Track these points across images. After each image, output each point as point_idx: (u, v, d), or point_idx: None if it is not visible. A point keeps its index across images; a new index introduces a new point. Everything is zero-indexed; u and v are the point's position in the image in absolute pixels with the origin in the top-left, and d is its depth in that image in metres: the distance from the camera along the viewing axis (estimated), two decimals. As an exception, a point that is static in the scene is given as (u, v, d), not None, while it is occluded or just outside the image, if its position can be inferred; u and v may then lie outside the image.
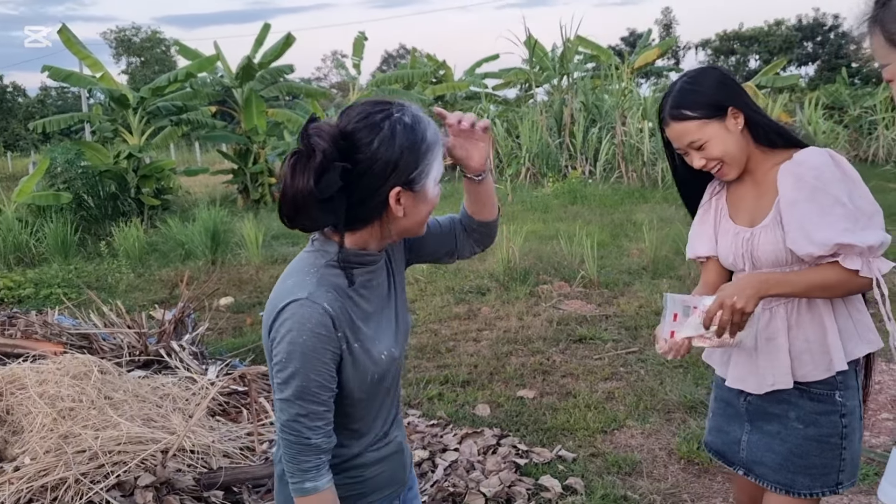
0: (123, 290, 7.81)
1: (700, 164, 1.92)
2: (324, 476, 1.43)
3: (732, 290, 1.77)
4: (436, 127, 1.44)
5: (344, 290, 1.45)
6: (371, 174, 1.37)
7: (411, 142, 1.38)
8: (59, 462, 2.86)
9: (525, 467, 3.55)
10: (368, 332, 1.48)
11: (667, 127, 1.93)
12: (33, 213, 11.22)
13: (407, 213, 1.43)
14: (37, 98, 45.07)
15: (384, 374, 1.51)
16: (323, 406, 1.41)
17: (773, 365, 1.91)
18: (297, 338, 1.37)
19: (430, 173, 1.42)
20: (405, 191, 1.40)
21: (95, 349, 4.54)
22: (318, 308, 1.38)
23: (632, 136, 14.69)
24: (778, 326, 1.90)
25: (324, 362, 1.39)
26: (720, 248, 2.03)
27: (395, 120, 1.37)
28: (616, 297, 6.54)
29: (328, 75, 65.77)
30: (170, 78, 13.58)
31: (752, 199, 1.96)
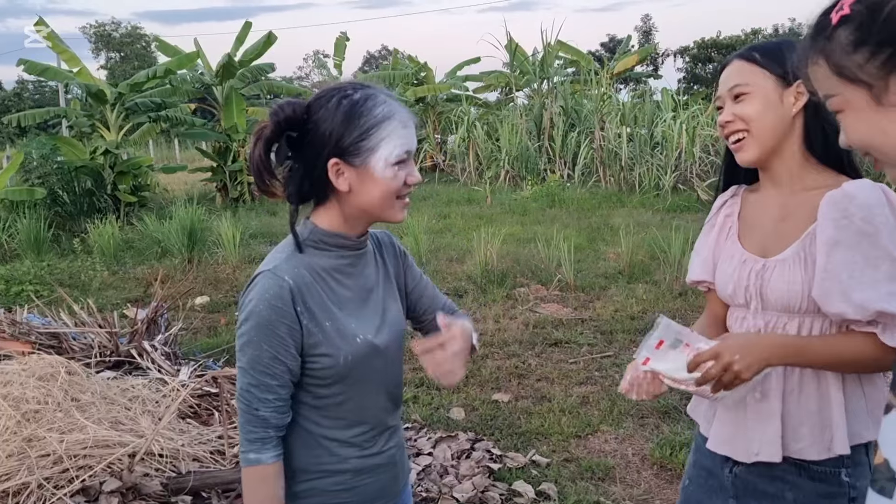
0: (97, 288, 7.71)
1: (725, 118, 1.59)
2: (269, 451, 1.44)
3: (736, 348, 1.45)
4: (398, 110, 1.44)
5: (317, 270, 1.48)
6: (311, 144, 1.43)
7: (350, 114, 1.41)
8: (22, 466, 2.80)
9: (499, 472, 3.54)
10: (342, 314, 1.49)
11: (728, 66, 1.61)
12: (6, 209, 11.04)
13: (354, 190, 1.44)
14: (13, 91, 44.46)
15: (361, 360, 1.49)
16: (275, 380, 1.42)
17: (761, 430, 1.57)
18: (255, 307, 1.41)
19: (377, 150, 1.41)
20: (344, 163, 1.42)
21: (65, 349, 4.47)
22: (279, 280, 1.42)
23: (610, 141, 14.76)
24: (772, 386, 1.56)
25: (278, 335, 1.41)
26: (719, 274, 1.69)
27: (343, 95, 1.42)
28: (592, 301, 6.55)
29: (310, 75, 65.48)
30: (149, 74, 13.44)
31: (771, 221, 1.61)
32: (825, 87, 1.05)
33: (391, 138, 1.42)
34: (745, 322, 1.62)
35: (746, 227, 1.68)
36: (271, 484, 1.44)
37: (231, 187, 14.85)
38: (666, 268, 7.12)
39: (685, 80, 46.36)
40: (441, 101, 20.54)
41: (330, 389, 1.51)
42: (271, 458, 1.44)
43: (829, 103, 1.06)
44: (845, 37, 0.99)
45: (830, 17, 1.02)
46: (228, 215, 10.54)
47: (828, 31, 1.02)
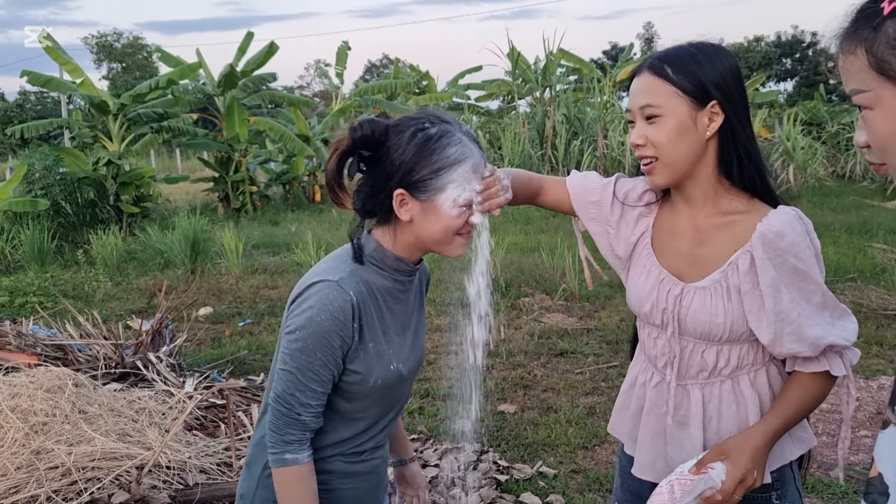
0: (100, 300, 7.71)
1: (636, 140, 1.50)
2: (305, 451, 1.48)
3: (750, 462, 1.42)
4: (472, 153, 1.45)
5: (373, 289, 1.51)
6: (381, 168, 1.45)
7: (422, 149, 1.42)
8: (31, 478, 2.80)
9: (506, 483, 3.53)
10: (384, 338, 1.53)
11: (638, 76, 1.52)
12: (9, 220, 11.06)
13: (415, 221, 1.46)
14: (15, 102, 44.56)
15: (388, 385, 1.53)
16: (321, 387, 1.46)
17: (682, 458, 1.55)
18: (317, 315, 1.42)
19: (444, 189, 1.43)
20: (409, 195, 1.44)
21: (71, 361, 4.46)
22: (345, 294, 1.44)
23: (613, 149, 14.79)
24: (692, 412, 1.55)
25: (332, 346, 1.44)
26: (633, 286, 1.63)
27: (420, 128, 1.43)
28: (597, 311, 6.54)
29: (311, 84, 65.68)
30: (151, 84, 13.48)
31: (687, 243, 1.56)
32: (856, 81, 0.98)
33: (460, 182, 1.43)
34: (657, 341, 1.60)
35: (661, 244, 1.62)
36: (307, 481, 1.48)
37: (233, 197, 14.87)
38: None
39: (686, 87, 46.46)
40: (443, 110, 20.57)
41: (350, 404, 1.53)
42: (307, 457, 1.48)
43: (857, 98, 0.99)
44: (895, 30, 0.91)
45: (882, 5, 0.93)
46: (231, 225, 10.56)
47: (876, 20, 0.94)
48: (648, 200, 1.65)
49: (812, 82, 39.35)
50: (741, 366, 1.53)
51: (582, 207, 1.72)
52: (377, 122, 1.45)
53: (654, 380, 1.61)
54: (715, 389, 1.54)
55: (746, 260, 1.46)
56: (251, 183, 15.07)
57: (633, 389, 1.69)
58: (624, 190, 1.68)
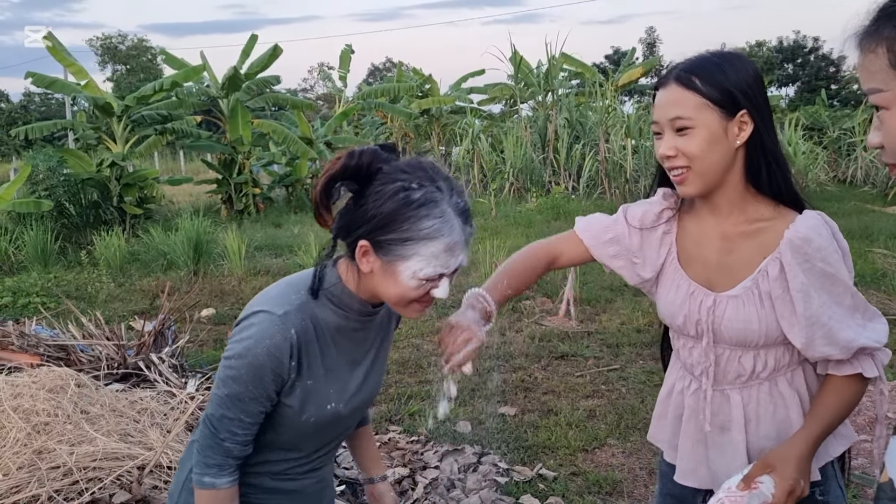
0: (103, 300, 7.73)
1: (667, 152, 1.50)
2: (225, 476, 1.44)
3: (797, 473, 1.44)
4: (450, 231, 1.34)
5: (321, 326, 1.44)
6: (358, 210, 1.36)
7: (397, 213, 1.31)
8: (33, 478, 2.81)
9: (506, 486, 3.54)
10: (325, 377, 1.47)
11: (664, 87, 1.51)
12: (13, 221, 11.10)
13: (375, 275, 1.38)
14: (20, 104, 44.74)
15: (322, 423, 1.49)
16: (249, 418, 1.42)
17: (726, 463, 1.58)
18: (253, 347, 1.37)
19: (408, 259, 1.33)
20: (372, 251, 1.36)
21: (73, 361, 4.48)
22: (285, 331, 1.38)
23: (615, 153, 14.81)
24: (733, 416, 1.58)
25: (265, 381, 1.39)
26: (665, 301, 1.65)
27: (406, 186, 1.32)
28: (598, 314, 6.55)
29: (314, 87, 65.80)
30: (155, 87, 13.52)
31: (715, 253, 1.57)
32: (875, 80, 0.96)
33: (427, 258, 1.33)
34: (693, 351, 1.62)
35: (687, 256, 1.63)
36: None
37: (236, 199, 14.90)
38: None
39: (689, 92, 46.45)
40: (445, 114, 20.63)
41: (280, 437, 1.51)
42: (226, 483, 1.44)
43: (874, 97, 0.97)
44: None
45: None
46: (234, 227, 10.58)
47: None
48: (668, 217, 1.66)
49: (814, 87, 39.36)
50: (778, 368, 1.55)
51: (601, 249, 1.73)
52: (377, 156, 1.35)
53: (692, 387, 1.64)
54: (753, 392, 1.57)
55: (776, 266, 1.48)
56: (254, 185, 15.11)
57: (671, 398, 1.71)
58: (637, 216, 1.69)
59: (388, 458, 3.81)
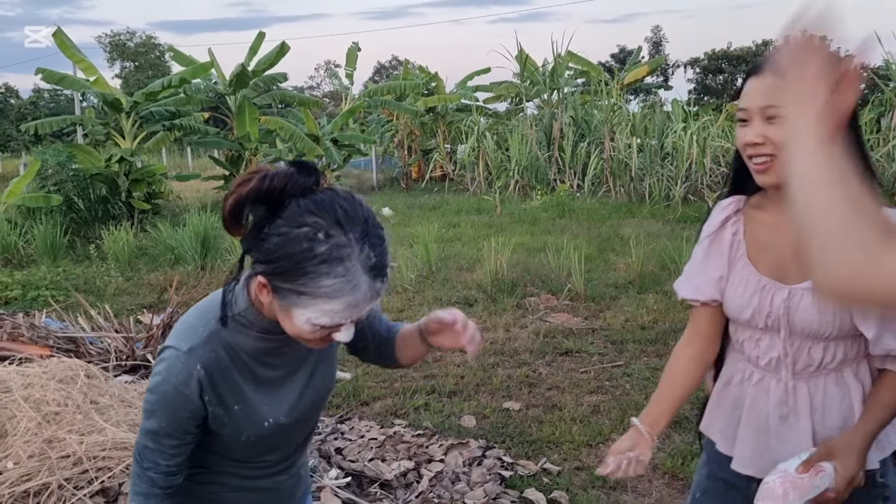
0: (112, 294, 7.78)
1: (754, 138, 1.53)
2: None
3: (857, 465, 1.49)
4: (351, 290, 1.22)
5: (238, 352, 1.39)
6: (260, 242, 1.24)
7: (297, 263, 1.20)
8: (43, 467, 2.85)
9: (510, 479, 3.57)
10: (256, 395, 1.43)
11: (758, 76, 1.54)
12: (23, 215, 11.17)
13: (275, 309, 1.30)
14: (29, 100, 44.87)
15: (265, 437, 1.47)
16: (169, 450, 1.39)
17: (788, 451, 1.60)
18: (161, 385, 1.35)
19: (305, 307, 1.23)
20: (270, 289, 1.26)
21: (82, 353, 4.53)
22: (191, 367, 1.33)
23: (620, 152, 14.81)
24: (799, 406, 1.61)
25: (178, 417, 1.36)
26: (731, 297, 1.67)
27: (311, 237, 1.19)
28: (602, 311, 6.58)
29: (321, 84, 65.89)
30: (164, 83, 13.57)
31: (790, 246, 1.57)
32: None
33: (324, 312, 1.23)
34: (761, 343, 1.64)
35: (757, 249, 1.65)
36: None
37: (243, 196, 14.93)
38: (676, 278, 7.10)
39: (696, 91, 46.33)
40: (451, 112, 20.63)
41: (231, 453, 1.50)
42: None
43: None
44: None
45: None
46: (241, 223, 10.60)
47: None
48: (733, 219, 1.70)
49: (823, 87, 39.16)
50: (846, 359, 1.58)
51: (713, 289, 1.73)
52: (291, 180, 1.22)
53: (755, 378, 1.66)
54: (820, 382, 1.59)
55: None
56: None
57: (729, 389, 1.73)
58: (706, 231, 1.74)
59: (393, 451, 3.85)
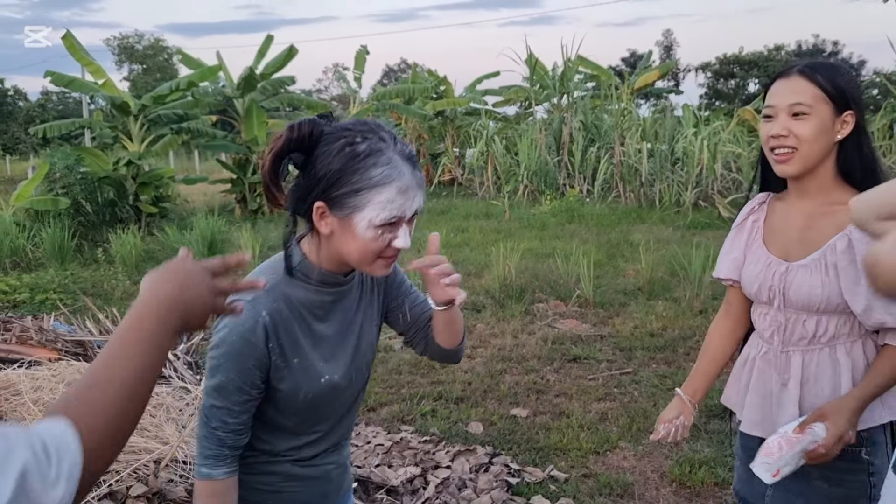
0: (119, 297, 7.80)
1: (779, 131, 1.72)
2: (221, 468, 1.45)
3: (847, 423, 1.65)
4: (400, 174, 1.36)
5: (296, 305, 1.46)
6: (308, 177, 1.39)
7: (346, 166, 1.35)
8: (51, 470, 2.85)
9: (517, 486, 3.55)
10: (313, 353, 1.49)
11: (786, 78, 1.74)
12: (31, 218, 11.22)
13: (335, 235, 1.40)
14: (37, 102, 45.12)
15: (321, 397, 1.51)
16: (237, 406, 1.43)
17: (781, 413, 1.81)
18: (228, 336, 1.41)
19: (362, 209, 1.35)
20: (328, 210, 1.39)
21: (90, 356, 4.53)
22: (256, 315, 1.40)
23: (630, 157, 14.77)
24: (792, 374, 1.80)
25: (246, 367, 1.41)
26: (745, 275, 1.90)
27: (350, 142, 1.36)
28: (611, 318, 6.55)
29: (329, 87, 66.06)
30: (171, 86, 13.63)
31: (796, 229, 1.80)
32: None
33: (381, 203, 1.35)
34: (766, 316, 1.85)
35: (771, 232, 1.87)
36: (220, 498, 1.45)
37: (250, 199, 14.97)
38: (686, 285, 7.11)
39: (706, 95, 46.31)
40: (460, 115, 20.64)
41: (286, 419, 1.53)
42: (222, 474, 1.45)
43: None
44: None
45: None
46: (248, 227, 10.65)
47: None
48: (754, 206, 1.94)
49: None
50: (838, 335, 1.75)
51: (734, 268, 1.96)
52: (316, 123, 1.39)
53: (763, 350, 1.86)
54: (814, 356, 1.77)
55: (844, 241, 1.70)
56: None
57: (745, 365, 1.93)
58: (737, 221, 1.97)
59: (399, 457, 3.84)
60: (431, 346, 1.71)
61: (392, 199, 1.35)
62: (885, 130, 13.86)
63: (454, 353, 1.72)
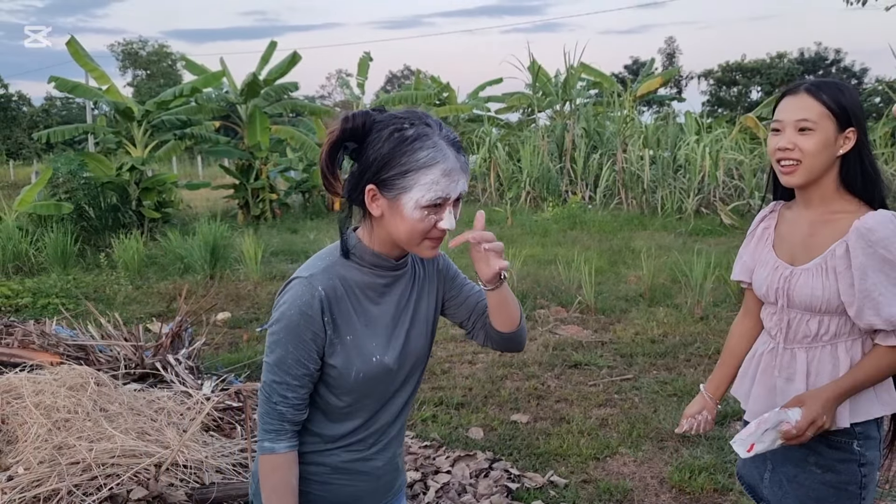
0: (121, 302, 7.82)
1: (785, 144, 1.85)
2: (283, 441, 1.52)
3: (821, 409, 1.78)
4: (445, 157, 1.45)
5: (350, 284, 1.55)
6: (361, 164, 1.50)
7: (395, 150, 1.44)
8: (53, 473, 2.86)
9: (517, 492, 3.56)
10: (366, 332, 1.56)
11: (794, 95, 1.86)
12: (34, 223, 11.24)
13: (385, 218, 1.50)
14: (41, 108, 45.26)
15: (372, 378, 1.56)
16: (296, 380, 1.51)
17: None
18: (288, 311, 1.50)
19: (409, 190, 1.45)
20: (379, 193, 1.48)
21: (92, 361, 4.54)
22: (313, 289, 1.50)
23: (632, 164, 14.78)
24: (797, 369, 1.92)
25: (304, 340, 1.50)
26: (756, 278, 2.04)
27: (398, 128, 1.46)
28: (612, 324, 6.55)
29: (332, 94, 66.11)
30: (175, 92, 13.68)
31: (801, 235, 1.94)
32: None
33: (427, 184, 1.44)
34: (773, 316, 1.98)
35: (780, 239, 2.01)
36: (282, 472, 1.52)
37: (253, 205, 15.01)
38: (687, 291, 7.11)
39: (709, 102, 46.29)
40: (463, 122, 20.68)
41: (339, 399, 1.58)
42: (284, 447, 1.52)
43: None
44: None
45: None
46: (250, 232, 10.65)
47: None
48: (765, 214, 2.08)
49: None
50: (839, 334, 1.88)
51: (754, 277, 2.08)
52: (368, 115, 1.49)
53: (769, 346, 2.00)
54: (817, 353, 1.89)
55: (842, 247, 1.82)
56: (271, 191, 15.21)
57: (753, 359, 2.07)
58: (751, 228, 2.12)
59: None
60: (491, 333, 1.72)
61: (437, 180, 1.44)
62: (887, 138, 13.87)
63: (513, 338, 1.71)
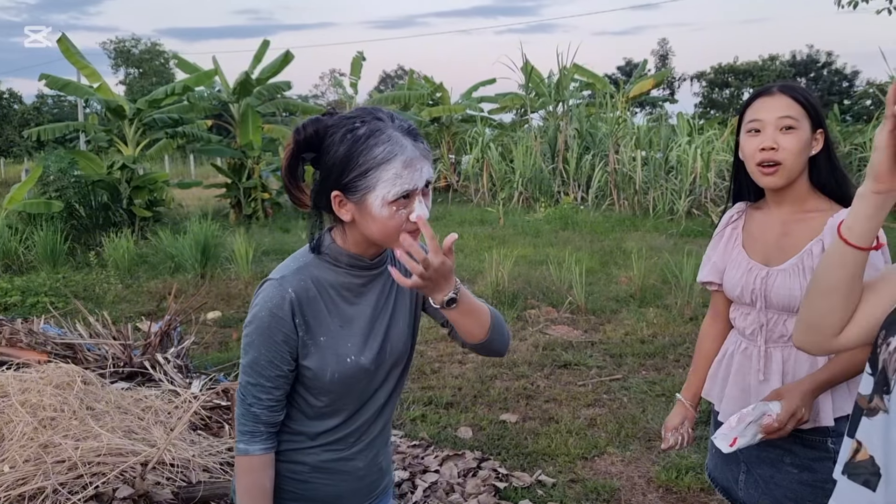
0: (111, 301, 7.79)
1: (770, 143, 1.82)
2: (257, 443, 1.52)
3: (800, 401, 1.78)
4: (402, 149, 1.41)
5: (324, 285, 1.53)
6: (322, 171, 1.48)
7: (350, 152, 1.42)
8: (38, 471, 2.85)
9: (504, 491, 3.56)
10: (341, 332, 1.54)
11: (769, 96, 1.86)
12: (24, 221, 11.18)
13: (357, 221, 1.47)
14: (33, 105, 45.00)
15: (348, 379, 1.54)
16: (270, 382, 1.51)
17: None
18: (259, 313, 1.49)
19: (374, 189, 1.41)
20: (345, 197, 1.45)
21: (80, 359, 4.53)
22: (283, 291, 1.48)
23: (625, 165, 14.82)
24: (773, 370, 1.91)
25: (276, 342, 1.49)
26: (727, 279, 2.02)
27: (350, 129, 1.43)
28: (603, 324, 6.57)
29: (325, 93, 66.06)
30: (167, 91, 13.63)
31: (774, 236, 1.93)
32: None
33: (390, 180, 1.40)
34: (748, 316, 1.96)
35: (751, 239, 2.00)
36: (256, 474, 1.52)
37: (245, 204, 14.97)
38: (678, 292, 7.13)
39: (701, 104, 46.45)
40: (456, 122, 20.67)
41: (317, 399, 1.57)
42: (259, 450, 1.52)
43: None
44: None
45: None
46: (241, 231, 10.64)
47: None
48: (736, 219, 2.06)
49: (826, 102, 39.27)
50: None
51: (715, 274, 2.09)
52: (319, 121, 1.47)
53: (742, 346, 1.98)
54: (793, 352, 1.88)
55: (819, 246, 1.83)
56: (263, 190, 15.16)
57: (724, 359, 2.06)
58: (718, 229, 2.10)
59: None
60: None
61: (399, 173, 1.40)
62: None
63: (486, 347, 1.59)
